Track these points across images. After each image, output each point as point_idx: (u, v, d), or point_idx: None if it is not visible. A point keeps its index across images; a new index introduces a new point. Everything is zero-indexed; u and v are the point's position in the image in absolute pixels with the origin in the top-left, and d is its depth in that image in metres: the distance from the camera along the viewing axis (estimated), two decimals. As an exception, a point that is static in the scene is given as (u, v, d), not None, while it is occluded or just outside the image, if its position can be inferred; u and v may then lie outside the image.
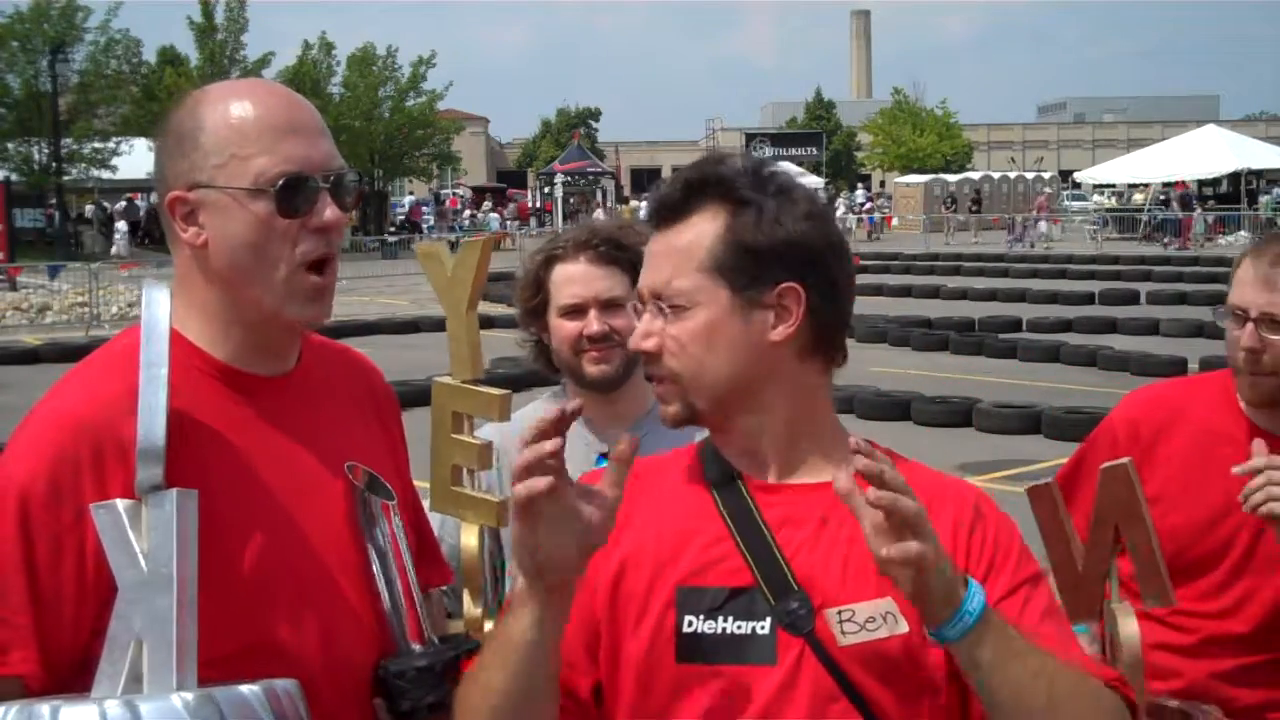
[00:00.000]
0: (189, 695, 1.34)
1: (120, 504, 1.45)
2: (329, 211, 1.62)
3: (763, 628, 1.49)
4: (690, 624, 1.50)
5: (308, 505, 1.65)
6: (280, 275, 1.60)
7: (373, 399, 1.88)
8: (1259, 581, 2.34)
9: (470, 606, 2.32)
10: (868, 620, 1.48)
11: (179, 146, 1.61)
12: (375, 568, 1.72)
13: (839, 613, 1.48)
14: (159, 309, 1.54)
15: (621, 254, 2.49)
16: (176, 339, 1.62)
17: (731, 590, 1.51)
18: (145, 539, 1.43)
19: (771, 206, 1.55)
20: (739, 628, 1.49)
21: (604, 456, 2.47)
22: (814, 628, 1.48)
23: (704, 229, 1.55)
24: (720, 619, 1.50)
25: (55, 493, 1.48)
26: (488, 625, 2.39)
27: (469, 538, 2.39)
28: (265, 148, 1.58)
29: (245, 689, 1.38)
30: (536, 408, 2.62)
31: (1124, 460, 2.07)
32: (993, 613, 1.39)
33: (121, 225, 37.24)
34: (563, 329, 2.47)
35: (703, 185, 1.56)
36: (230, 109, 1.61)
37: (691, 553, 1.53)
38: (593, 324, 2.44)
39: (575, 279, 2.47)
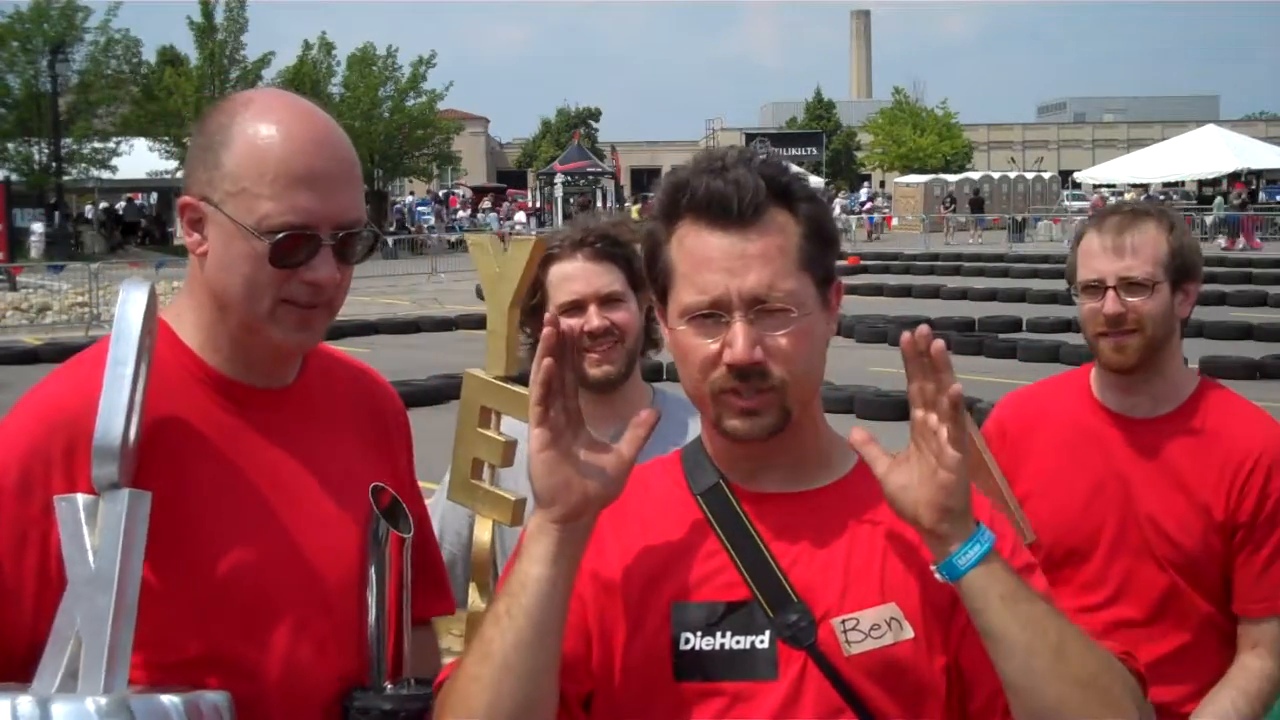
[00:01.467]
0: (103, 700, 1.33)
1: (80, 498, 1.44)
2: (325, 270, 1.59)
3: (762, 642, 1.45)
4: (687, 641, 1.46)
5: (292, 522, 1.63)
6: (263, 307, 1.59)
7: (380, 421, 1.85)
8: (1134, 563, 2.39)
9: (477, 601, 2.32)
10: (873, 628, 1.45)
11: (204, 154, 1.60)
12: (371, 595, 1.68)
13: (843, 622, 1.45)
14: (133, 308, 1.52)
15: (618, 250, 2.49)
16: (173, 340, 1.62)
17: (728, 605, 1.47)
18: (98, 535, 1.42)
19: (822, 203, 1.55)
20: (738, 643, 1.46)
21: None
22: (816, 640, 1.45)
23: (789, 227, 1.48)
24: (718, 635, 1.46)
25: (25, 484, 1.48)
26: None
27: (482, 532, 2.40)
28: (276, 193, 1.55)
29: (165, 698, 1.37)
30: None
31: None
32: (998, 552, 1.40)
33: (37, 227, 34.71)
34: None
35: (773, 185, 1.47)
36: (258, 137, 1.56)
37: (684, 567, 1.50)
38: (593, 319, 2.43)
39: (573, 276, 2.46)
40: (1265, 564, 2.33)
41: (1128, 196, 44.26)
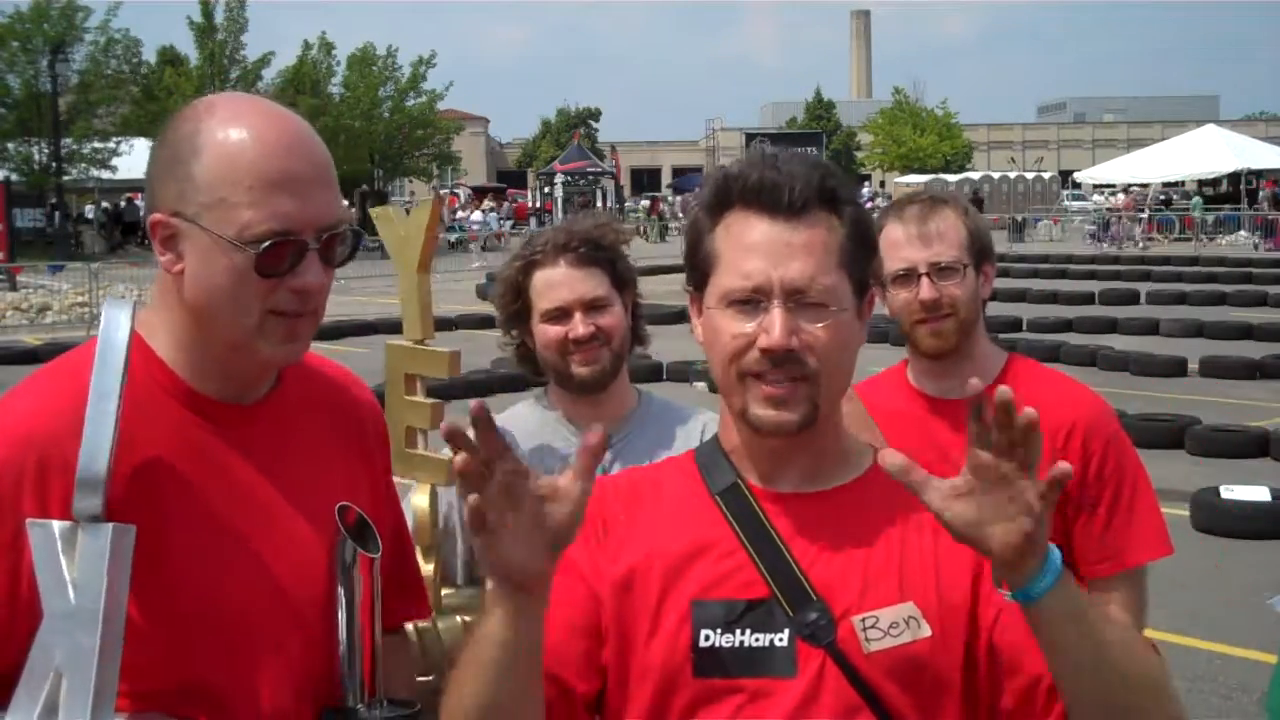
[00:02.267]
0: None
1: (56, 525, 1.40)
2: (311, 274, 1.53)
3: (781, 639, 1.46)
4: (707, 638, 1.47)
5: (268, 542, 1.59)
6: (251, 321, 1.53)
7: (358, 429, 1.80)
8: None
9: (422, 563, 2.33)
10: (891, 626, 1.46)
11: (171, 167, 1.53)
12: (340, 617, 1.65)
13: (863, 620, 1.46)
14: (117, 332, 1.48)
15: (601, 254, 2.47)
16: (147, 356, 1.57)
17: (748, 603, 1.48)
18: (76, 567, 1.38)
19: (866, 210, 1.57)
20: (757, 640, 1.46)
21: None
22: (835, 638, 1.45)
23: (833, 224, 1.51)
24: (737, 632, 1.47)
25: None
26: (444, 591, 2.43)
27: (420, 498, 2.44)
28: (255, 200, 1.48)
29: None
30: (519, 410, 2.62)
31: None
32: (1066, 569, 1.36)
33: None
34: (547, 333, 2.45)
35: (821, 181, 1.51)
36: (229, 144, 1.50)
37: (703, 566, 1.50)
38: (578, 327, 2.42)
39: (557, 283, 2.44)
40: (1104, 524, 2.35)
41: (1117, 198, 44.20)
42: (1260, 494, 8.09)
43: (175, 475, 1.53)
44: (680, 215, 43.56)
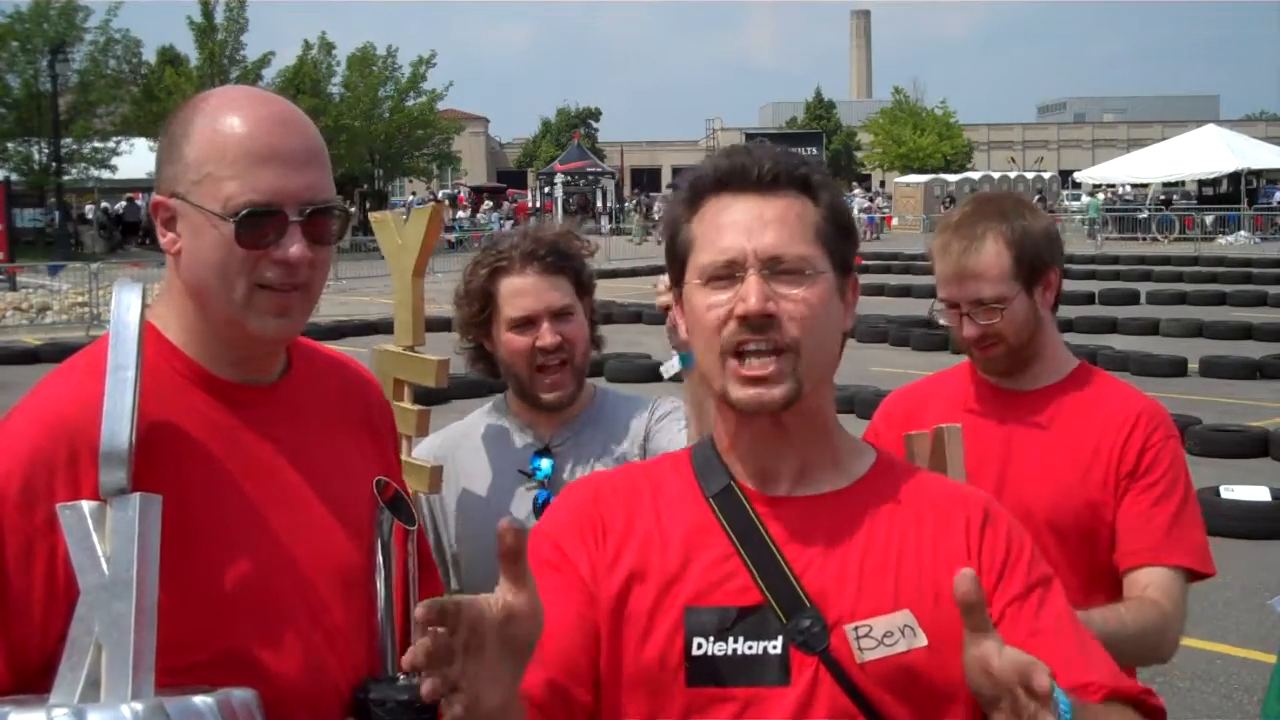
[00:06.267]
0: (139, 706, 1.32)
1: (86, 505, 1.42)
2: (295, 247, 1.57)
3: (774, 647, 1.44)
4: (700, 646, 1.45)
5: (290, 517, 1.62)
6: (239, 294, 1.57)
7: (366, 412, 1.84)
8: None
9: None
10: (885, 635, 1.44)
11: (169, 151, 1.60)
12: (378, 587, 1.69)
13: (855, 628, 1.44)
14: (129, 311, 1.51)
15: (567, 263, 2.47)
16: (161, 342, 1.60)
17: (740, 610, 1.46)
18: (108, 542, 1.41)
19: (840, 195, 1.56)
20: (750, 648, 1.44)
21: (540, 455, 2.49)
22: (828, 645, 1.43)
23: (807, 204, 1.50)
24: (730, 640, 1.45)
25: (28, 494, 1.46)
26: None
27: None
28: (238, 173, 1.54)
29: (198, 699, 1.35)
30: (479, 416, 2.63)
31: (956, 425, 2.05)
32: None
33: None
34: (513, 343, 2.44)
35: (793, 167, 1.51)
36: (218, 123, 1.57)
37: (697, 572, 1.48)
38: (546, 336, 2.42)
39: (525, 291, 2.43)
40: (1150, 507, 2.32)
41: (1089, 197, 43.70)
42: (1260, 494, 8.10)
43: (197, 454, 1.57)
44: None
